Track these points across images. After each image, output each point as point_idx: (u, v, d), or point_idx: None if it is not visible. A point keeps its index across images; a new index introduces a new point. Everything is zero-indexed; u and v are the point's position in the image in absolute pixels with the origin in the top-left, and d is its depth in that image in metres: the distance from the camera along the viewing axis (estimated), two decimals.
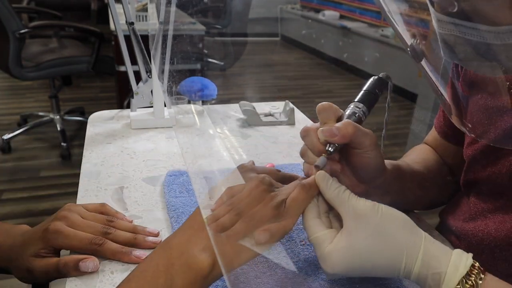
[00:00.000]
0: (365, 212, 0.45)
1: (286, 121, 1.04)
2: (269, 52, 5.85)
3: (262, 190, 0.47)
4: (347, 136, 0.50)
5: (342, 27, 4.97)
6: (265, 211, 0.46)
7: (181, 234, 0.46)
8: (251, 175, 0.51)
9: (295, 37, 6.04)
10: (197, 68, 2.68)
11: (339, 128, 0.50)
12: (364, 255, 0.44)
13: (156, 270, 0.43)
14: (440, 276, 0.42)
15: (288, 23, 6.23)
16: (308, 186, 0.48)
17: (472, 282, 0.42)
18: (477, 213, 0.63)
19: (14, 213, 2.04)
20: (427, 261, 0.43)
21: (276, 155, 0.88)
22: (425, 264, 0.43)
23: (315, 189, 0.49)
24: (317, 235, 0.46)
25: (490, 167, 0.60)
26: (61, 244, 0.54)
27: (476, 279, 0.42)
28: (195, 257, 0.43)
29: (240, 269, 0.48)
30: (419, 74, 3.47)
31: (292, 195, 0.48)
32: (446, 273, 0.42)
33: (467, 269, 0.42)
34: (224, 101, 1.14)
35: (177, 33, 0.87)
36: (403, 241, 0.44)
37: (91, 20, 3.93)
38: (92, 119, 1.01)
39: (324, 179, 0.48)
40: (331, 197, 0.47)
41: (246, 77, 4.46)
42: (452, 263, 0.43)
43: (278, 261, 0.48)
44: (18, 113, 3.05)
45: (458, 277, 0.42)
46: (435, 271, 0.43)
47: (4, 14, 2.16)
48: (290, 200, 0.47)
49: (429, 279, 0.43)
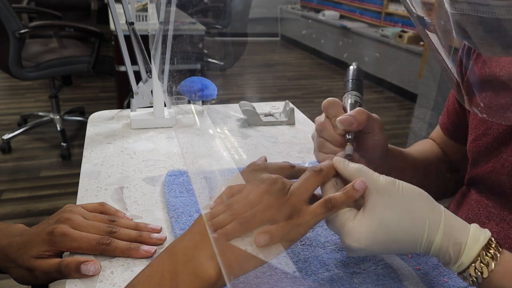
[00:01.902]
0: (386, 187, 0.46)
1: (286, 121, 1.04)
2: (269, 52, 5.85)
3: (276, 190, 0.46)
4: (362, 122, 0.55)
5: (342, 27, 4.97)
6: (270, 211, 0.44)
7: (188, 238, 0.45)
8: (263, 175, 0.49)
9: (295, 37, 6.04)
10: (197, 68, 2.68)
11: (355, 116, 0.55)
12: (389, 228, 0.44)
13: (162, 277, 0.42)
14: (461, 246, 0.44)
15: (288, 23, 6.23)
16: (318, 171, 0.48)
17: (491, 254, 0.43)
18: (480, 209, 0.64)
19: (14, 213, 2.04)
20: (448, 232, 0.44)
21: (276, 155, 0.88)
22: (446, 235, 0.44)
23: (328, 174, 0.49)
24: (339, 212, 0.46)
25: (494, 162, 0.61)
26: (68, 247, 0.54)
27: (495, 251, 0.43)
28: (202, 264, 0.42)
29: None
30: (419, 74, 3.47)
31: (296, 182, 0.47)
32: (466, 243, 0.43)
33: (486, 241, 0.44)
34: (224, 101, 1.14)
35: (177, 33, 0.87)
36: (425, 214, 0.45)
37: (91, 20, 3.93)
38: (92, 119, 1.01)
39: (340, 161, 0.49)
40: (351, 173, 0.48)
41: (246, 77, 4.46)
42: (472, 234, 0.44)
43: (278, 261, 0.48)
44: (18, 113, 3.05)
45: (478, 248, 0.43)
46: (456, 241, 0.44)
47: (4, 14, 2.16)
48: (294, 186, 0.46)
49: (450, 249, 0.44)
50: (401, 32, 4.13)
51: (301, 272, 0.54)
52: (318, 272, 0.54)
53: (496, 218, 0.61)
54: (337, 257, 0.57)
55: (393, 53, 4.20)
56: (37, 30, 2.90)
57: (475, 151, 0.64)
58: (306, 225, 0.45)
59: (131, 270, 0.54)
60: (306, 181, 0.47)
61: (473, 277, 0.43)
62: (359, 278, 0.54)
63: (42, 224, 0.57)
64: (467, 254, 0.43)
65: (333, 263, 0.56)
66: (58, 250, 0.55)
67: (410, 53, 3.96)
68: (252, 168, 0.52)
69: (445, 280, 0.54)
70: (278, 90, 4.10)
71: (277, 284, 0.51)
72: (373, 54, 4.50)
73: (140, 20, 2.41)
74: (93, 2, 3.93)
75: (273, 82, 4.35)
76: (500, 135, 0.60)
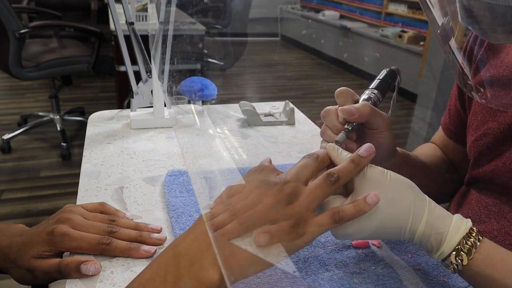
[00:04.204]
0: (374, 175, 0.47)
1: (286, 121, 1.04)
2: (269, 52, 5.85)
3: (284, 195, 0.45)
4: (365, 115, 0.55)
5: (342, 27, 4.97)
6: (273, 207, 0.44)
7: (191, 238, 0.44)
8: (273, 178, 0.47)
9: (295, 37, 6.04)
10: (197, 68, 2.68)
11: (357, 107, 0.55)
12: (375, 215, 0.45)
13: (163, 280, 0.42)
14: (442, 236, 0.45)
15: (288, 23, 6.23)
16: (315, 157, 0.48)
17: (471, 242, 0.45)
18: (481, 208, 0.64)
19: (14, 213, 2.04)
20: (431, 221, 0.45)
21: (276, 155, 0.88)
22: (429, 224, 0.45)
23: (324, 161, 0.49)
24: (328, 199, 0.47)
25: (495, 161, 0.61)
26: (68, 247, 0.54)
27: (475, 240, 0.45)
28: (205, 269, 0.41)
29: None
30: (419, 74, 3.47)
31: (307, 189, 0.46)
32: (448, 232, 0.45)
33: (467, 231, 0.45)
34: (224, 101, 1.14)
35: (177, 33, 0.87)
36: (410, 203, 0.46)
37: (91, 20, 3.93)
38: (92, 119, 1.01)
39: (334, 148, 0.50)
40: (343, 161, 0.48)
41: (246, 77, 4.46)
42: (453, 224, 0.45)
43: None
44: (18, 113, 3.05)
45: (458, 237, 0.45)
46: (438, 231, 0.45)
47: (4, 14, 2.16)
48: (304, 194, 0.45)
49: (432, 238, 0.45)
50: (401, 32, 4.13)
51: (301, 272, 0.54)
52: (318, 272, 0.54)
53: (497, 216, 0.62)
54: (337, 257, 0.57)
55: (393, 53, 4.20)
56: (37, 30, 2.90)
57: (476, 152, 0.65)
58: (311, 235, 0.44)
59: (131, 270, 0.54)
60: (316, 189, 0.45)
61: (454, 264, 0.45)
62: (359, 278, 0.54)
63: (42, 224, 0.57)
64: (448, 243, 0.45)
65: (333, 263, 0.56)
66: (58, 250, 0.55)
67: (410, 53, 3.97)
68: (265, 171, 0.50)
69: (445, 280, 0.54)
70: (278, 90, 4.10)
71: (277, 284, 0.51)
72: (373, 54, 4.50)
73: (140, 20, 2.41)
74: (93, 2, 3.93)
75: (273, 82, 4.35)
76: (500, 135, 0.60)
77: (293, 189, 0.45)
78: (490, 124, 0.62)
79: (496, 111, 0.61)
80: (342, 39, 5.05)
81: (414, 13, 4.24)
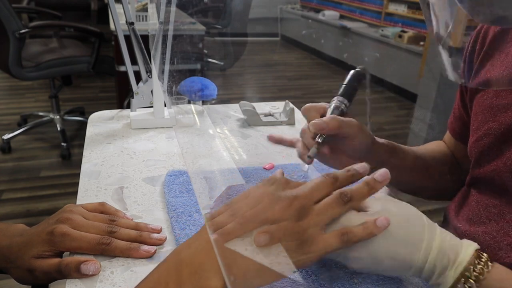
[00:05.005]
0: (385, 197, 0.49)
1: (286, 121, 1.04)
2: (269, 52, 5.85)
3: (296, 208, 0.45)
4: (334, 129, 0.58)
5: (342, 27, 4.97)
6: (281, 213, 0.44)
7: (195, 246, 0.44)
8: (283, 193, 0.46)
9: (295, 37, 6.04)
10: (197, 68, 2.68)
11: (327, 122, 0.58)
12: (385, 238, 0.45)
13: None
14: (449, 261, 0.45)
15: (288, 23, 6.23)
16: (334, 178, 0.48)
17: (479, 269, 0.44)
18: (481, 210, 0.64)
19: (14, 213, 2.04)
20: (443, 249, 0.45)
21: (276, 155, 0.88)
22: (440, 252, 0.45)
23: (342, 183, 0.48)
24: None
25: (496, 161, 0.61)
26: (68, 247, 0.54)
27: (484, 267, 0.45)
28: (208, 279, 0.41)
29: None
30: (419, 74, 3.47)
31: (319, 205, 0.45)
32: (455, 259, 0.45)
33: (474, 257, 0.45)
34: (224, 101, 1.14)
35: (177, 33, 0.87)
36: (423, 226, 0.46)
37: (91, 20, 3.93)
38: (92, 119, 1.01)
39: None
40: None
41: (246, 77, 4.46)
42: (463, 250, 0.46)
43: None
44: (18, 113, 3.05)
45: (465, 262, 0.45)
46: (448, 257, 0.45)
47: (4, 14, 2.16)
48: (316, 212, 0.45)
49: (445, 260, 0.45)
50: (401, 32, 4.13)
51: (301, 272, 0.54)
52: (318, 272, 0.54)
53: (497, 217, 0.62)
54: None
55: (393, 53, 4.20)
56: (37, 30, 2.90)
57: (477, 152, 0.65)
58: (318, 254, 0.44)
59: (131, 270, 0.54)
60: (327, 208, 0.45)
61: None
62: (359, 278, 0.54)
63: (42, 224, 0.57)
64: (456, 268, 0.45)
65: (333, 263, 0.56)
66: (58, 250, 0.55)
67: (410, 53, 3.97)
68: (277, 183, 0.49)
69: None
70: (278, 90, 4.10)
71: (277, 284, 0.51)
72: (373, 54, 4.50)
73: (140, 20, 2.41)
74: (93, 2, 3.93)
75: (273, 82, 4.35)
76: (501, 135, 0.60)
77: (302, 205, 0.44)
78: (490, 124, 0.62)
79: (496, 111, 0.61)
80: (342, 39, 5.05)
81: (414, 13, 4.24)
